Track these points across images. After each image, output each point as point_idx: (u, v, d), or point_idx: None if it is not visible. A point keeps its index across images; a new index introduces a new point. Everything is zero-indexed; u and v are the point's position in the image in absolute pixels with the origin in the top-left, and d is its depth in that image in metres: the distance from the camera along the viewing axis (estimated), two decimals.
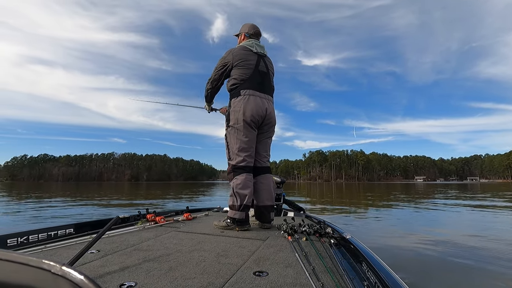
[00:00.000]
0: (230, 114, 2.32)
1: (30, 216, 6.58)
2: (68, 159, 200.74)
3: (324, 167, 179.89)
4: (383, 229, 5.05)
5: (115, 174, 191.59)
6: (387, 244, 3.81)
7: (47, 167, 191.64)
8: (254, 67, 2.35)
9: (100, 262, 1.27)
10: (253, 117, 2.26)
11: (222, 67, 2.38)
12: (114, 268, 1.19)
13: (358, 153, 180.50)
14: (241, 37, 2.59)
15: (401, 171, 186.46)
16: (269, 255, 1.43)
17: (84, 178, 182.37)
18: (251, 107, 2.25)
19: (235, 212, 2.12)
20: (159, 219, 2.29)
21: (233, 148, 2.27)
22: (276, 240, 1.78)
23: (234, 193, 2.16)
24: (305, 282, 1.06)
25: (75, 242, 1.63)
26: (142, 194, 17.73)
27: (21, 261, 0.24)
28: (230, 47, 2.46)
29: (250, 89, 2.30)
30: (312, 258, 1.34)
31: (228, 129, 2.33)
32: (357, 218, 6.55)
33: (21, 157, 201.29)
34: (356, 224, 5.53)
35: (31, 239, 1.57)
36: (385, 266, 1.06)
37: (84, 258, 1.30)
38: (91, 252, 1.42)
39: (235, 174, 2.22)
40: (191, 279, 1.08)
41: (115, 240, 1.71)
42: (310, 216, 2.79)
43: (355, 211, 7.97)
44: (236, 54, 2.34)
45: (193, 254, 1.41)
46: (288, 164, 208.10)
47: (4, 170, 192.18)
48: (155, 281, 1.05)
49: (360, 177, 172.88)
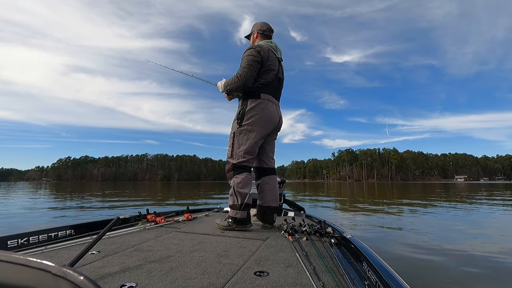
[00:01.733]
0: (244, 114, 2.22)
1: (82, 211, 7.06)
2: (106, 160, 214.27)
3: (354, 167, 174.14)
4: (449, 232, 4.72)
5: (148, 174, 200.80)
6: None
7: (88, 168, 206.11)
8: (276, 72, 2.34)
9: (100, 263, 1.27)
10: (268, 124, 2.27)
11: (258, 64, 2.25)
12: (114, 269, 1.19)
13: (391, 151, 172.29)
14: (254, 35, 2.52)
15: (439, 170, 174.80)
16: (269, 255, 1.43)
17: (121, 178, 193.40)
18: (268, 114, 2.25)
19: (236, 212, 2.08)
20: (160, 219, 2.29)
21: (239, 148, 2.20)
22: (276, 240, 1.78)
23: (234, 192, 2.11)
24: (306, 282, 1.06)
25: (75, 243, 1.62)
26: (181, 193, 18.31)
27: (21, 263, 0.24)
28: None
29: (269, 94, 2.29)
30: (313, 258, 1.34)
31: (239, 128, 2.23)
32: (405, 221, 6.19)
33: (66, 159, 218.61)
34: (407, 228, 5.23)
35: (31, 241, 1.57)
36: (386, 265, 1.05)
37: (85, 259, 1.30)
38: (92, 253, 1.42)
39: (235, 173, 2.17)
40: (191, 279, 1.08)
41: (116, 241, 1.71)
42: (310, 216, 2.78)
43: (395, 213, 7.56)
44: (266, 56, 2.27)
45: (194, 255, 1.42)
46: (317, 164, 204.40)
47: (52, 171, 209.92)
48: (156, 281, 1.05)
49: (393, 176, 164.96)
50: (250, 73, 2.19)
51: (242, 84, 2.19)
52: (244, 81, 2.18)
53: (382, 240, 4.03)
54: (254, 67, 2.21)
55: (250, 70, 2.19)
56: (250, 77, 2.19)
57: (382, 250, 3.34)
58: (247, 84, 2.21)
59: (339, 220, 6.06)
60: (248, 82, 2.20)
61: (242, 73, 2.19)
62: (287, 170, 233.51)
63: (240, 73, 2.20)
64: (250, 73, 2.19)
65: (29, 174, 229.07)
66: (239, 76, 2.19)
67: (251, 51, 2.26)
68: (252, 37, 2.54)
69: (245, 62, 2.22)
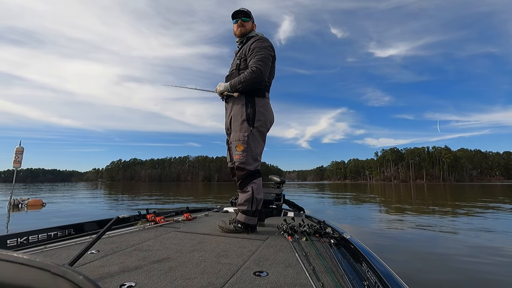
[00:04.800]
0: (256, 114, 2.03)
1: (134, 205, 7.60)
2: (152, 162, 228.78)
3: (400, 167, 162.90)
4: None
5: (190, 176, 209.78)
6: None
7: (136, 169, 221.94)
8: (275, 69, 2.22)
9: (100, 263, 1.27)
10: (271, 124, 2.21)
11: (271, 59, 2.08)
12: (114, 268, 1.19)
13: (442, 149, 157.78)
14: (254, 27, 2.31)
15: (501, 169, 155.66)
16: (269, 255, 1.43)
17: (165, 179, 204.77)
18: (272, 114, 2.19)
19: (249, 218, 1.99)
20: (159, 219, 2.28)
21: (254, 152, 2.05)
22: (276, 240, 1.77)
23: (253, 198, 2.00)
24: (305, 282, 1.06)
25: (75, 243, 1.62)
26: (221, 193, 18.82)
27: (21, 262, 0.24)
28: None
29: (268, 93, 2.21)
30: (312, 258, 1.34)
31: (253, 130, 2.03)
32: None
33: (117, 161, 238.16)
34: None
35: (31, 240, 1.57)
36: (385, 266, 1.05)
37: (84, 259, 1.30)
38: (91, 252, 1.42)
39: (253, 178, 2.04)
40: (191, 279, 1.08)
41: (115, 240, 1.71)
42: (310, 216, 2.75)
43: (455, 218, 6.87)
44: (274, 49, 2.13)
45: (193, 254, 1.41)
46: (358, 164, 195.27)
47: (106, 172, 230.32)
48: (155, 281, 1.05)
49: (445, 177, 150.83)
50: (266, 67, 1.99)
51: (260, 79, 1.97)
52: (262, 76, 1.97)
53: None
54: (270, 61, 2.06)
55: (267, 64, 1.99)
56: (266, 71, 2.00)
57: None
58: (264, 79, 2.00)
59: (387, 227, 5.66)
60: (265, 76, 1.99)
61: (259, 67, 1.95)
62: (327, 170, 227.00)
63: (257, 66, 1.95)
64: (267, 67, 1.99)
65: (87, 176, 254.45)
66: (256, 70, 1.95)
67: (264, 43, 2.06)
68: (251, 24, 2.26)
69: (261, 55, 1.99)
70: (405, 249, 3.71)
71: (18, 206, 8.56)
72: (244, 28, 2.20)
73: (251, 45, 2.07)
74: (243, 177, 2.04)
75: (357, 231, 4.92)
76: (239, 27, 2.19)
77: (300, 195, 16.82)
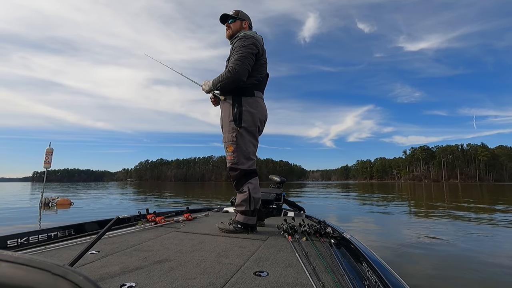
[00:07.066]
0: (242, 114, 2.02)
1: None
2: (178, 163, 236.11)
3: (431, 165, 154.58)
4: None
5: (214, 175, 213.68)
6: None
7: (163, 169, 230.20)
8: (266, 66, 2.18)
9: (100, 263, 1.27)
10: (262, 123, 2.19)
11: (253, 57, 2.04)
12: (114, 268, 1.19)
13: (478, 147, 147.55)
14: (244, 24, 2.23)
15: None
16: (269, 255, 1.43)
17: (190, 179, 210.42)
18: (263, 111, 2.16)
19: (248, 218, 2.00)
20: (159, 219, 2.28)
21: (246, 151, 2.05)
22: (276, 240, 1.77)
23: (250, 198, 2.01)
24: (306, 282, 1.06)
25: (75, 243, 1.62)
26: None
27: (21, 262, 0.24)
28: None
29: (260, 91, 2.16)
30: (313, 258, 1.34)
31: (240, 130, 2.03)
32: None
33: (145, 161, 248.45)
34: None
35: (31, 240, 1.57)
36: (385, 265, 1.05)
37: (85, 259, 1.30)
38: (92, 252, 1.43)
39: (248, 178, 2.06)
40: (191, 279, 1.08)
41: (115, 240, 1.71)
42: (310, 216, 2.75)
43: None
44: (261, 48, 2.09)
45: (194, 255, 1.42)
46: (385, 163, 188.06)
47: (134, 172, 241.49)
48: (156, 281, 1.05)
49: (482, 176, 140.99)
50: (243, 66, 1.97)
51: (235, 78, 1.96)
52: (238, 75, 1.96)
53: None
54: (249, 60, 2.00)
55: (244, 63, 1.97)
56: (244, 70, 1.97)
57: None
58: (241, 78, 1.98)
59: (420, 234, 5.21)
60: (242, 75, 1.97)
61: (235, 66, 1.95)
62: (352, 170, 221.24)
63: (233, 66, 1.96)
64: (244, 66, 1.97)
65: (118, 175, 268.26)
66: (231, 69, 1.96)
67: (245, 41, 2.02)
68: (240, 23, 2.22)
69: (239, 54, 1.98)
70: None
71: (48, 205, 9.04)
72: (231, 30, 2.23)
73: (234, 45, 2.10)
74: (237, 177, 2.05)
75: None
76: (227, 30, 2.26)
77: (329, 198, 16.23)
